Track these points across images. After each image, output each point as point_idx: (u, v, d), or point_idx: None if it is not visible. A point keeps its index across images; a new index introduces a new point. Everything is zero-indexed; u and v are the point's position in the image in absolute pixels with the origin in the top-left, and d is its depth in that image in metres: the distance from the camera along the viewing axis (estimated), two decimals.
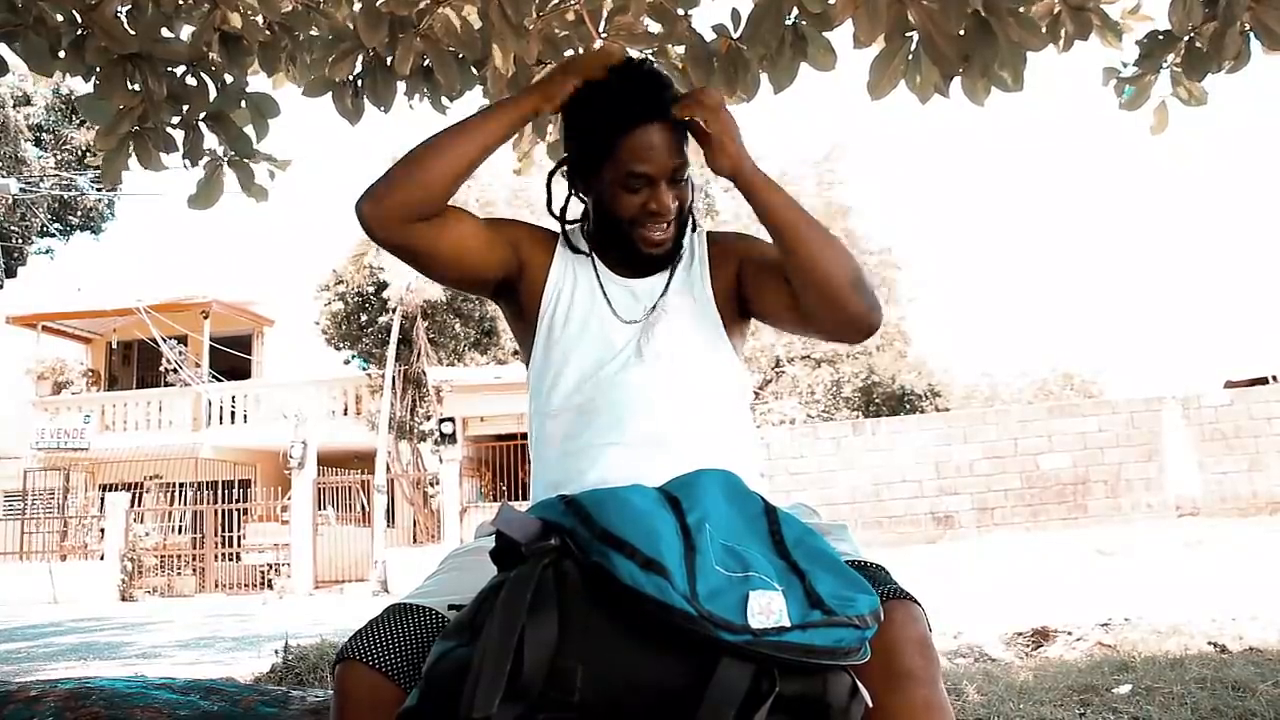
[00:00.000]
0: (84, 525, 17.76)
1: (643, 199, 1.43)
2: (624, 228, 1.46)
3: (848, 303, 1.37)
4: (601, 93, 1.46)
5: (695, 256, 1.55)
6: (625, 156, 1.41)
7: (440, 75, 2.71)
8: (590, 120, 1.46)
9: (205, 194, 2.83)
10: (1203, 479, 13.92)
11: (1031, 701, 3.10)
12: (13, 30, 2.46)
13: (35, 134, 22.75)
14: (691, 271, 1.54)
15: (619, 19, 2.64)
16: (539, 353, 1.52)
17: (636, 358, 1.44)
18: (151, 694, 2.01)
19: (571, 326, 1.49)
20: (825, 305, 1.38)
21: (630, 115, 1.41)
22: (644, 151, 1.41)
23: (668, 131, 1.42)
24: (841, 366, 23.35)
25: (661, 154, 1.42)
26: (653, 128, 1.41)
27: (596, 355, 1.45)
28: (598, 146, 1.44)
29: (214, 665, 6.36)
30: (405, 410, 17.52)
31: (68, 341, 21.15)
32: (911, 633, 1.16)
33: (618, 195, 1.44)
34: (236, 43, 2.73)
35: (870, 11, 2.30)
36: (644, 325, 1.47)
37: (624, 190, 1.43)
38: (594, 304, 1.50)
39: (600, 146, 1.43)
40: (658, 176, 1.42)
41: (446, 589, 1.27)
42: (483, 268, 1.49)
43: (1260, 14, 2.43)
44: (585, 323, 1.48)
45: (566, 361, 1.47)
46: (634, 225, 1.45)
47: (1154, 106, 2.81)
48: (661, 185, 1.43)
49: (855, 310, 1.38)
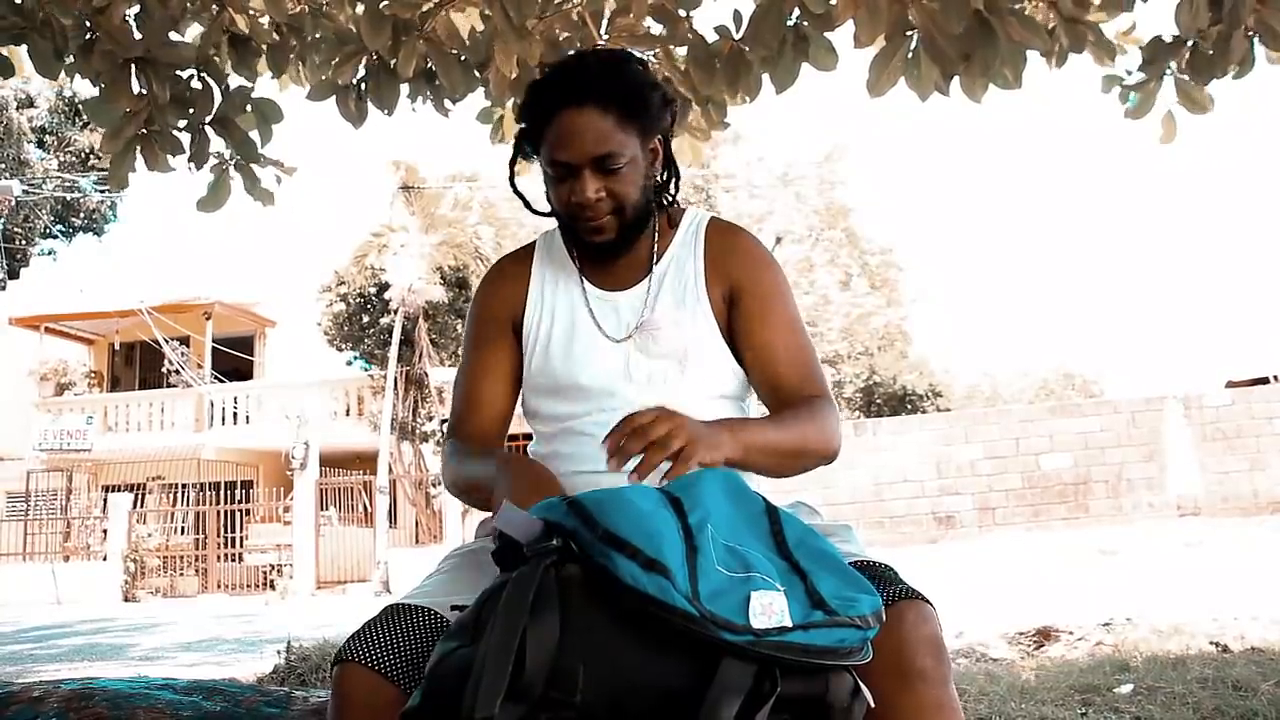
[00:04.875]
0: (87, 526, 17.77)
1: (568, 189, 1.36)
2: (562, 221, 1.42)
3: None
4: (535, 85, 1.41)
5: (692, 252, 1.47)
6: (548, 145, 1.36)
7: (443, 78, 2.71)
8: (526, 110, 1.40)
9: (213, 197, 2.85)
10: (1204, 479, 13.92)
11: (1033, 701, 3.10)
12: (20, 33, 2.47)
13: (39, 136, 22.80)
14: (685, 272, 1.46)
15: (620, 20, 2.65)
16: (529, 376, 1.48)
17: (626, 381, 1.40)
18: (154, 695, 2.01)
19: (555, 348, 1.45)
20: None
21: (550, 102, 1.35)
22: (563, 138, 1.34)
23: (597, 117, 1.33)
24: (843, 367, 23.35)
25: (582, 141, 1.33)
26: (575, 113, 1.33)
27: (586, 379, 1.42)
28: (532, 136, 1.39)
29: (216, 666, 6.37)
30: (407, 411, 17.52)
31: (70, 343, 21.16)
32: (923, 632, 1.14)
33: (551, 185, 1.40)
34: (245, 45, 2.74)
35: (871, 11, 2.31)
36: (633, 343, 1.42)
37: (552, 182, 1.38)
38: (577, 323, 1.46)
39: (534, 136, 1.39)
40: (579, 164, 1.34)
41: (445, 589, 1.27)
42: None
43: (1266, 16, 2.43)
44: (568, 346, 1.44)
45: (556, 389, 1.44)
46: (569, 218, 1.40)
47: (1160, 115, 2.80)
48: (585, 174, 1.34)
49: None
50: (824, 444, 1.35)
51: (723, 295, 1.45)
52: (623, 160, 1.35)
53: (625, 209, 1.38)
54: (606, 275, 1.48)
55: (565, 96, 1.34)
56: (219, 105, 2.76)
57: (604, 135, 1.34)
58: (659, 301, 1.45)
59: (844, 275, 24.17)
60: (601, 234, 1.39)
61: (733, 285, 1.45)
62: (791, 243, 23.06)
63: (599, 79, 1.35)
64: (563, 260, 1.51)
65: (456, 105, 2.90)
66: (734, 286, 1.45)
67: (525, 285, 1.50)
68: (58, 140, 23.00)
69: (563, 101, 1.34)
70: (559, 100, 1.34)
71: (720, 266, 1.46)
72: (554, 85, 1.37)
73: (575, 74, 1.37)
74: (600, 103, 1.33)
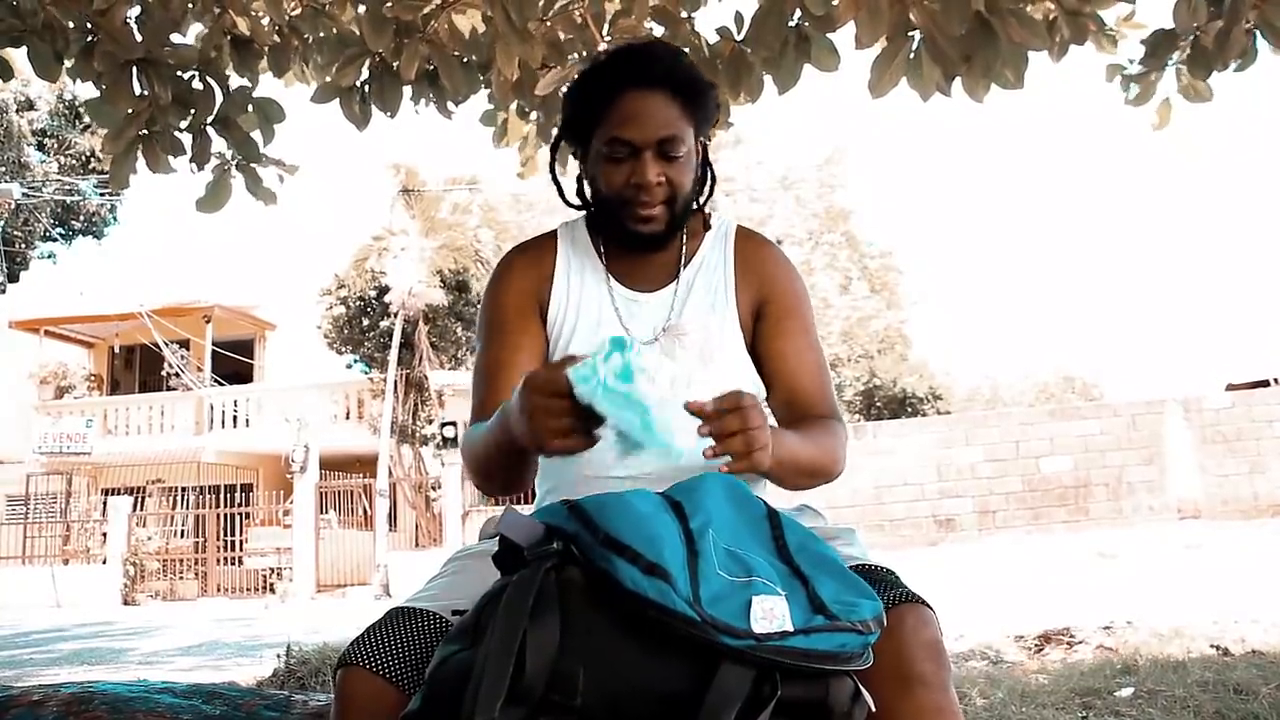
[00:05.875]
0: (86, 529, 17.75)
1: (626, 171, 1.34)
2: (612, 205, 1.38)
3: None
4: (593, 66, 1.40)
5: (722, 258, 1.45)
6: (610, 124, 1.33)
7: (446, 80, 2.72)
8: (583, 89, 1.38)
9: (214, 197, 2.85)
10: (1204, 481, 13.91)
11: (1034, 704, 3.10)
12: (19, 36, 2.47)
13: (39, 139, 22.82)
14: (714, 278, 1.44)
15: (622, 22, 2.66)
16: None
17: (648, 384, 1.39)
18: (154, 698, 2.01)
19: (578, 347, 1.40)
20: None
21: (616, 81, 1.33)
22: (630, 117, 1.32)
23: (664, 102, 1.32)
24: (843, 370, 23.36)
25: (650, 121, 1.31)
26: (644, 94, 1.32)
27: None
28: (588, 116, 1.36)
29: (216, 669, 6.36)
30: (407, 414, 17.53)
31: (70, 346, 21.16)
32: (923, 637, 1.14)
33: (603, 167, 1.36)
34: (247, 46, 2.74)
35: (872, 12, 2.31)
36: (659, 346, 1.39)
37: (608, 161, 1.35)
38: (602, 323, 1.42)
39: (591, 114, 1.35)
40: (642, 146, 1.32)
41: (448, 593, 1.27)
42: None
43: (1266, 13, 2.43)
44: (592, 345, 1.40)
45: None
46: (620, 202, 1.36)
47: (1158, 103, 2.82)
48: (646, 156, 1.33)
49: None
50: (835, 465, 1.35)
51: (751, 305, 1.44)
52: (683, 149, 1.35)
53: (677, 200, 1.37)
54: (634, 275, 1.45)
55: (634, 77, 1.33)
56: (220, 105, 2.76)
57: (670, 120, 1.33)
58: (687, 305, 1.43)
59: (844, 278, 24.20)
60: (651, 223, 1.37)
61: (762, 296, 1.44)
62: (791, 246, 23.08)
63: (669, 66, 1.35)
64: (589, 254, 1.47)
65: (459, 107, 2.90)
66: (763, 297, 1.44)
67: (550, 274, 1.46)
68: (58, 143, 23.02)
69: (631, 81, 1.32)
70: (627, 79, 1.33)
71: (751, 276, 1.45)
72: (620, 65, 1.35)
73: (644, 57, 1.36)
74: (669, 88, 1.33)
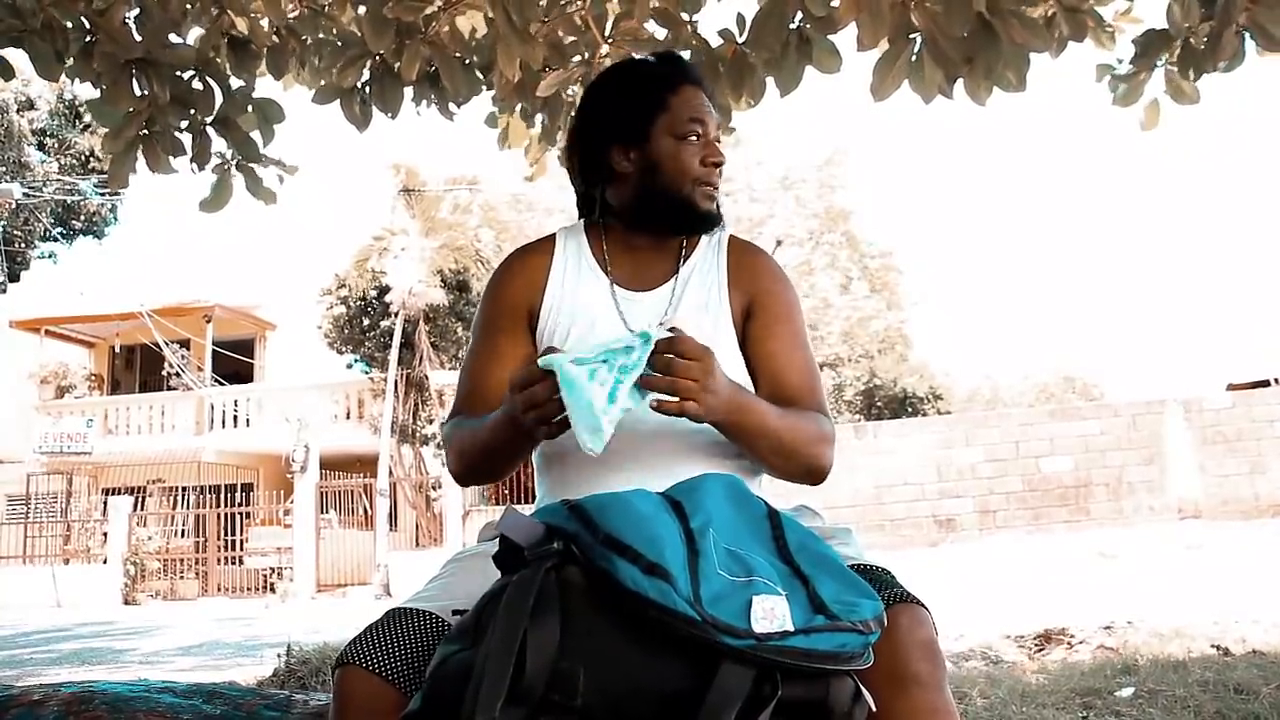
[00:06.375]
0: (87, 529, 17.75)
1: (701, 149, 1.45)
2: (679, 187, 1.45)
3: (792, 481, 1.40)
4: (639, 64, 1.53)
5: (716, 262, 1.50)
6: (680, 108, 1.45)
7: (447, 81, 2.71)
8: (637, 82, 1.49)
9: (216, 198, 2.85)
10: (1204, 481, 13.91)
11: (1034, 704, 3.10)
12: (19, 36, 2.47)
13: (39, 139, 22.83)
14: (708, 279, 1.49)
15: (624, 24, 2.66)
16: None
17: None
18: (154, 698, 2.01)
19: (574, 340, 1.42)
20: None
21: (678, 74, 1.48)
22: (697, 106, 1.46)
23: (707, 100, 1.48)
24: (844, 370, 23.36)
25: (710, 112, 1.47)
26: (697, 89, 1.47)
27: None
28: (649, 104, 1.45)
29: (216, 669, 6.36)
30: (407, 414, 17.53)
31: (70, 345, 21.16)
32: (918, 636, 1.15)
33: (675, 149, 1.44)
34: (244, 47, 2.74)
35: (873, 14, 2.31)
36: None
37: (682, 140, 1.44)
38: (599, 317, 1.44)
39: (652, 103, 1.45)
40: (713, 132, 1.47)
41: (447, 593, 1.27)
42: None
43: (1257, 15, 2.43)
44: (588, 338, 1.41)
45: None
46: (694, 184, 1.45)
47: (1145, 104, 2.82)
48: (715, 138, 1.47)
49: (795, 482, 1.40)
50: (815, 450, 1.36)
51: (742, 307, 1.48)
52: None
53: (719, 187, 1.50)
54: (633, 276, 1.50)
55: (686, 75, 1.49)
56: (220, 105, 2.76)
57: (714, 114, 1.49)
58: (682, 302, 1.47)
59: (844, 279, 24.18)
60: (714, 202, 1.48)
61: (751, 299, 1.48)
62: (791, 246, 23.08)
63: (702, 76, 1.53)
64: (588, 256, 1.52)
65: (461, 108, 2.90)
66: (752, 300, 1.48)
67: (544, 275, 1.50)
68: (58, 143, 23.03)
69: (685, 78, 1.48)
70: (682, 76, 1.48)
71: (741, 280, 1.49)
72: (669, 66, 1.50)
73: (686, 63, 1.54)
74: (709, 94, 1.50)
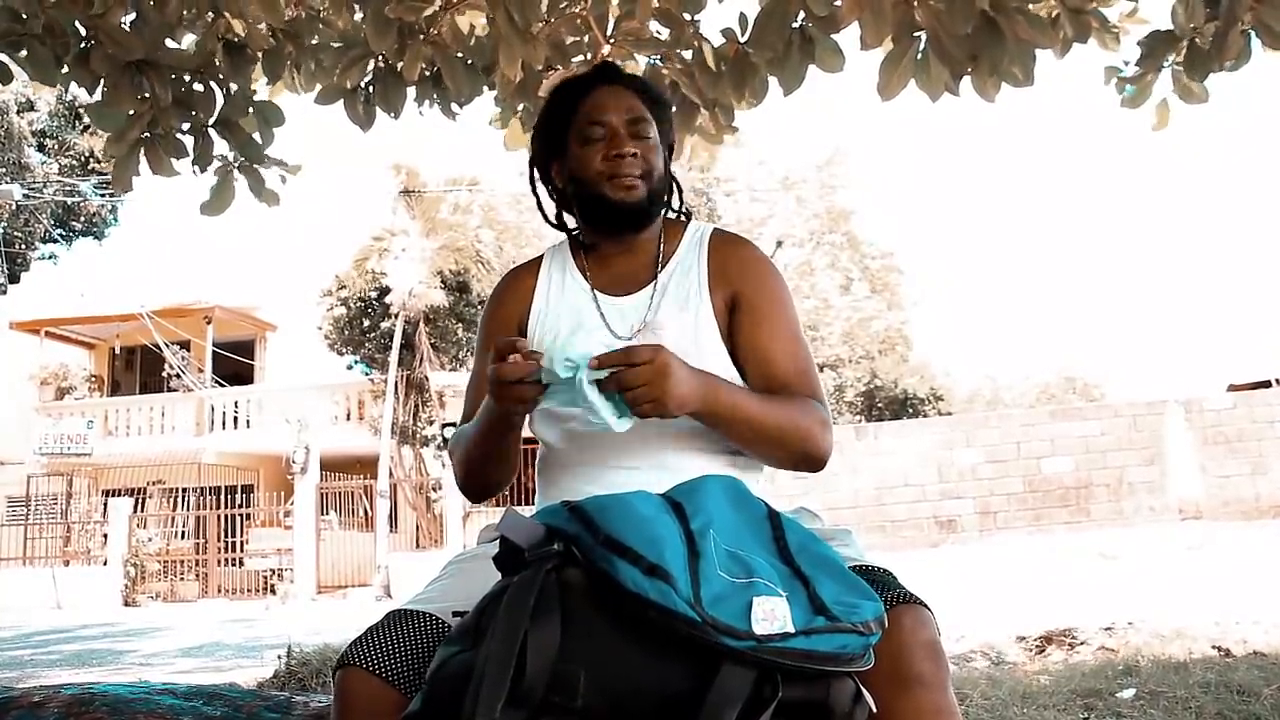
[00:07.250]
0: (87, 530, 17.74)
1: (603, 148, 1.45)
2: (593, 187, 1.46)
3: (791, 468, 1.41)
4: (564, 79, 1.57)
5: (696, 259, 1.49)
6: (585, 112, 1.47)
7: (449, 81, 2.71)
8: (558, 96, 1.53)
9: (218, 200, 2.85)
10: (1205, 482, 13.90)
11: (1036, 706, 3.10)
12: (17, 40, 2.47)
13: (39, 140, 22.85)
14: (689, 278, 1.48)
15: (625, 24, 2.65)
16: None
17: None
18: (155, 700, 2.01)
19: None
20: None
21: (586, 81, 1.51)
22: (602, 103, 1.47)
23: (629, 94, 1.48)
24: (844, 371, 23.35)
25: (619, 103, 1.47)
26: (611, 87, 1.49)
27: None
28: (564, 115, 1.49)
29: (217, 671, 6.36)
30: (408, 415, 17.52)
31: (71, 347, 21.16)
32: (921, 637, 1.14)
33: (581, 154, 1.46)
34: (240, 51, 2.74)
35: (876, 13, 2.30)
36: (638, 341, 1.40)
37: (585, 145, 1.46)
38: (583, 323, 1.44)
39: (566, 113, 1.49)
40: (616, 124, 1.45)
41: (448, 595, 1.27)
42: None
43: (1261, 14, 2.43)
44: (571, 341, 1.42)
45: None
46: (601, 180, 1.45)
47: (1155, 104, 2.82)
48: (621, 133, 1.45)
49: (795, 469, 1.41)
50: (806, 435, 1.36)
51: (724, 300, 1.46)
52: (651, 133, 1.48)
53: (652, 174, 1.47)
54: (613, 282, 1.51)
55: (600, 77, 1.51)
56: (221, 107, 2.76)
57: (636, 106, 1.48)
58: (663, 304, 1.46)
59: (845, 279, 24.19)
60: (634, 191, 1.45)
61: (734, 292, 1.47)
62: (792, 246, 23.09)
63: (626, 74, 1.53)
64: (571, 268, 1.54)
65: (463, 108, 2.90)
66: (735, 293, 1.47)
67: (531, 291, 1.55)
68: (58, 144, 23.05)
69: (598, 80, 1.50)
70: (594, 79, 1.51)
71: (722, 273, 1.48)
72: (586, 74, 1.54)
73: (604, 67, 1.56)
74: (630, 86, 1.51)
